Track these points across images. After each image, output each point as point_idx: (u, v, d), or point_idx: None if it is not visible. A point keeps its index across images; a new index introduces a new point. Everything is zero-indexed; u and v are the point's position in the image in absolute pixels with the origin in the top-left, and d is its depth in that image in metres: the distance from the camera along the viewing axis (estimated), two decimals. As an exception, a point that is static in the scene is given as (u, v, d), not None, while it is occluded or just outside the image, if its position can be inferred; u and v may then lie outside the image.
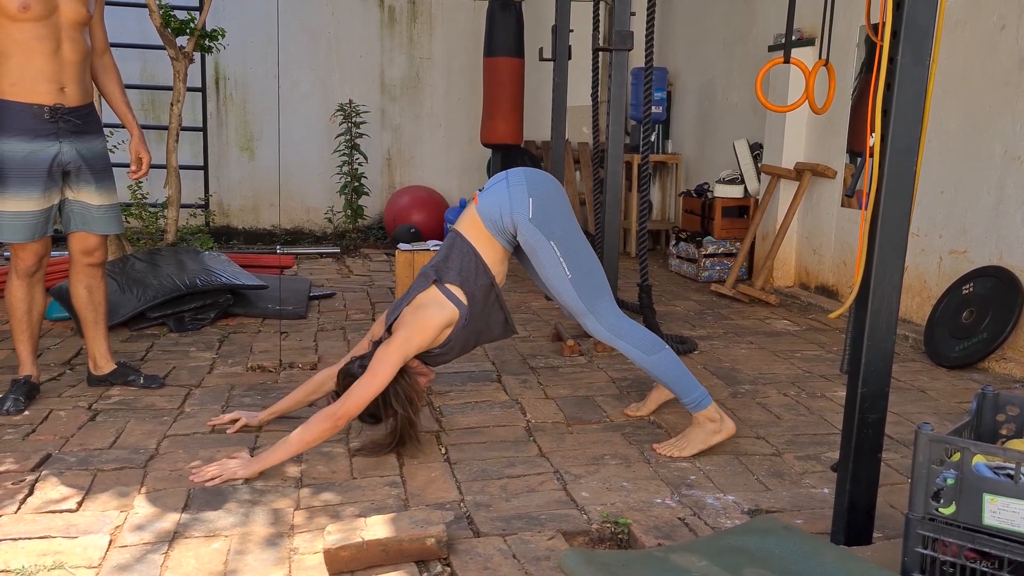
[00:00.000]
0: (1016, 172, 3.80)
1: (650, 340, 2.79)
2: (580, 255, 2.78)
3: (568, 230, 2.78)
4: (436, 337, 2.71)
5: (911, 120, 2.02)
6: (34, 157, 2.97)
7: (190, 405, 3.17)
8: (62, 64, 2.98)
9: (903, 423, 3.06)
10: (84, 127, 3.09)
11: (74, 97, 3.04)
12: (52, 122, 2.98)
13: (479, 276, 2.74)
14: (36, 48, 2.92)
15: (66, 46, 2.99)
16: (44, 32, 2.92)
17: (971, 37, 4.05)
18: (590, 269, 2.79)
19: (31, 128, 2.95)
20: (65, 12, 2.96)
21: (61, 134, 3.01)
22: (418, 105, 7.85)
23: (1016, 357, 3.73)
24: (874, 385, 2.07)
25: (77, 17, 3.00)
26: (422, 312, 2.69)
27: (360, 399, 2.55)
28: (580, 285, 2.75)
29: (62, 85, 2.99)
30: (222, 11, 6.68)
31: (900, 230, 2.02)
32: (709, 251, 5.93)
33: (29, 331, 3.17)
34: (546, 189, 2.79)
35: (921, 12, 1.97)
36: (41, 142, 2.97)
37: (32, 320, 3.17)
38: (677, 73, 7.45)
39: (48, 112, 2.97)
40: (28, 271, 3.10)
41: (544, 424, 3.04)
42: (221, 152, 7.44)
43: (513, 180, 2.77)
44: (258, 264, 5.72)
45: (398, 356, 2.62)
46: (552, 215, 2.75)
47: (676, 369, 2.78)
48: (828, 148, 5.17)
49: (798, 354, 4.06)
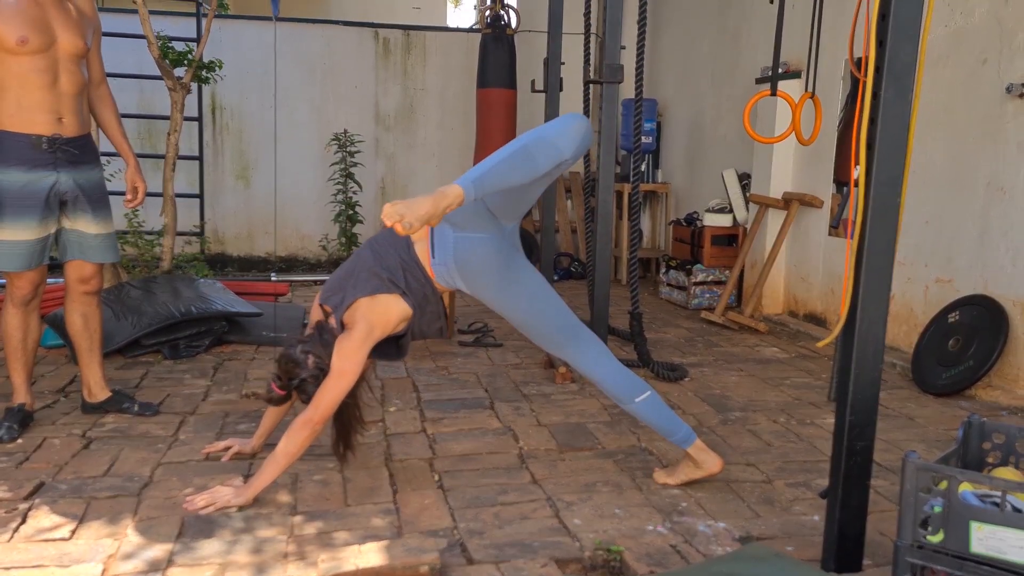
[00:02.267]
0: (999, 203, 3.87)
1: (632, 384, 2.73)
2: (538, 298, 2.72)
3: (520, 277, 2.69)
4: (388, 333, 2.64)
5: (895, 153, 2.07)
6: (31, 187, 2.99)
7: (184, 433, 3.18)
8: (60, 96, 3.02)
9: (891, 450, 3.09)
10: (81, 157, 3.11)
11: (72, 128, 3.07)
12: (50, 152, 3.01)
13: (425, 284, 2.65)
14: (34, 81, 2.95)
15: (64, 78, 3.02)
16: (42, 65, 2.95)
17: (953, 71, 4.14)
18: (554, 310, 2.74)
19: (29, 158, 2.98)
20: (63, 45, 3.00)
21: (58, 164, 3.04)
22: (412, 135, 7.93)
23: (1002, 385, 3.77)
24: (862, 413, 2.10)
25: (75, 50, 3.03)
26: (381, 305, 2.60)
27: (332, 400, 2.53)
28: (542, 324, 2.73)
29: (60, 116, 3.02)
30: (219, 42, 6.76)
31: (885, 261, 2.06)
32: (699, 279, 5.99)
33: (24, 359, 3.18)
34: (476, 264, 2.62)
35: (903, 49, 2.03)
36: (38, 172, 3.00)
37: (27, 348, 3.18)
38: (666, 104, 7.55)
39: (46, 142, 3.00)
40: (24, 299, 3.11)
41: (537, 451, 3.06)
42: (217, 180, 7.49)
43: (439, 259, 2.63)
44: (253, 291, 5.73)
45: (363, 351, 2.56)
46: (488, 280, 2.65)
47: (655, 411, 2.74)
48: (815, 178, 5.25)
49: (787, 381, 4.10)
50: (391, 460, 2.95)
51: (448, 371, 4.15)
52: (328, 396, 2.54)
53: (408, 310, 2.63)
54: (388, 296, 2.61)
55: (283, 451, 2.53)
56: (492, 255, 2.61)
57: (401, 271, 2.63)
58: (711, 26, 6.74)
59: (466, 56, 7.78)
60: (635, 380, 2.75)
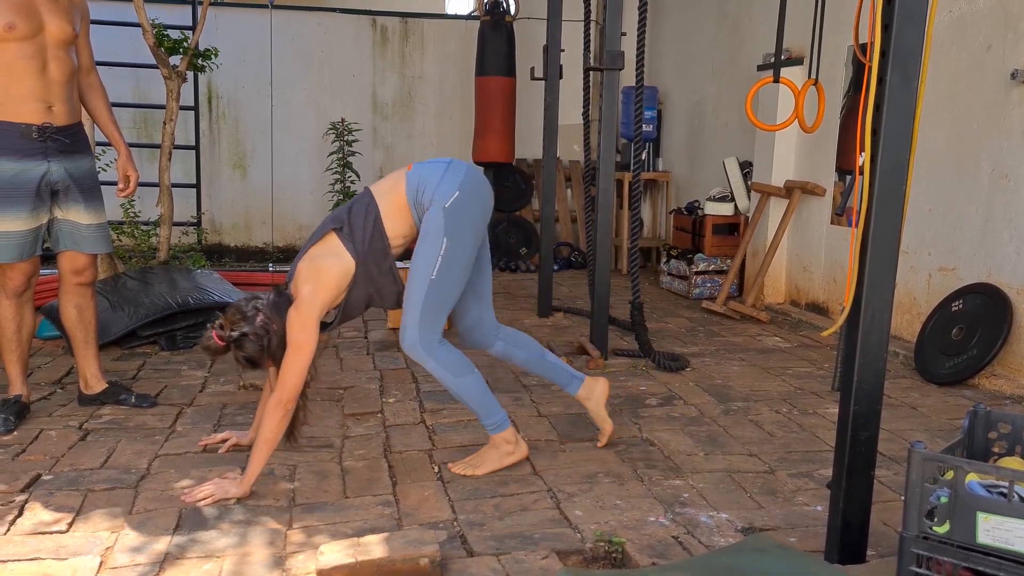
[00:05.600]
0: (1003, 190, 3.84)
1: (461, 364, 2.70)
2: (455, 271, 2.63)
3: (465, 243, 2.64)
4: (337, 293, 2.60)
5: (900, 140, 2.04)
6: (22, 177, 2.96)
7: (182, 424, 3.15)
8: (49, 83, 2.98)
9: (895, 440, 3.06)
10: (72, 146, 3.08)
11: (62, 116, 3.03)
12: (40, 141, 2.97)
13: (375, 238, 2.60)
14: (22, 68, 2.91)
15: (52, 65, 2.98)
16: (30, 51, 2.91)
17: (958, 57, 4.10)
18: (451, 289, 2.65)
19: (19, 148, 2.94)
20: (51, 31, 2.96)
21: (49, 153, 3.00)
22: (410, 124, 7.88)
23: (1006, 374, 3.75)
24: (866, 403, 2.08)
25: (63, 36, 2.99)
26: (320, 263, 2.56)
27: (295, 375, 2.50)
28: (432, 293, 2.60)
29: (50, 104, 2.98)
30: (215, 31, 6.70)
31: (890, 249, 2.03)
32: (700, 268, 5.96)
33: (19, 351, 3.15)
34: (476, 195, 2.67)
35: (909, 34, 1.99)
36: (29, 162, 2.96)
37: (21, 340, 3.15)
38: (667, 92, 7.51)
39: (36, 131, 2.96)
40: (16, 291, 3.08)
41: (537, 442, 3.04)
42: (213, 170, 7.44)
43: (453, 168, 2.66)
44: (250, 282, 5.70)
45: (312, 317, 2.51)
46: (465, 219, 2.62)
47: (480, 392, 2.73)
48: (817, 166, 5.21)
49: (789, 371, 4.07)
50: (390, 452, 2.93)
51: (447, 361, 4.12)
52: (290, 371, 2.50)
53: (349, 265, 2.57)
54: (326, 252, 2.58)
55: (262, 437, 2.52)
56: (488, 211, 2.73)
57: (349, 221, 2.61)
58: (712, 12, 6.69)
59: (464, 44, 7.72)
60: (466, 360, 2.73)
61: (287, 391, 2.51)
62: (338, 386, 3.68)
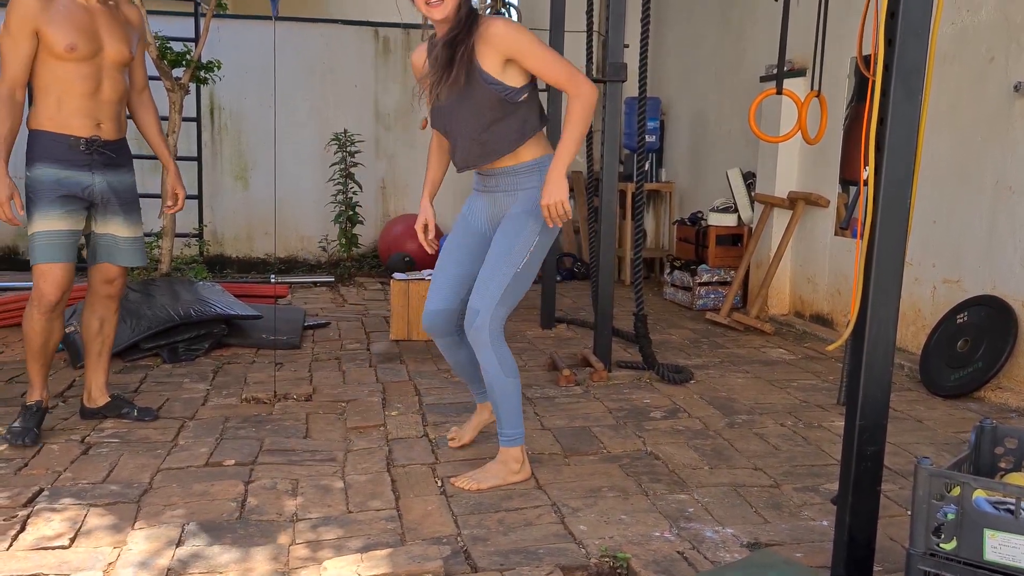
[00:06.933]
0: (1007, 202, 3.83)
1: (513, 365, 2.72)
2: (535, 267, 2.71)
3: (549, 243, 2.74)
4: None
5: (904, 154, 2.03)
6: (67, 182, 2.99)
7: (184, 438, 3.14)
8: (100, 103, 3.02)
9: (901, 454, 3.05)
10: (116, 160, 3.12)
11: (110, 132, 3.07)
12: (86, 154, 3.01)
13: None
14: (77, 87, 2.96)
15: (106, 85, 3.02)
16: (87, 72, 2.96)
17: (961, 69, 4.10)
18: (527, 284, 2.72)
19: (65, 158, 2.98)
20: (109, 53, 3.01)
21: (94, 166, 3.04)
22: (412, 134, 7.88)
23: (1012, 386, 3.73)
24: (872, 417, 2.06)
25: (120, 58, 3.04)
26: None
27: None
28: (514, 283, 2.65)
29: (99, 121, 3.03)
30: (218, 43, 6.72)
31: (895, 263, 2.03)
32: (704, 279, 5.95)
33: (43, 359, 3.13)
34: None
35: (912, 48, 1.99)
36: (73, 171, 3.00)
37: (48, 351, 3.14)
38: (670, 103, 7.51)
39: (84, 144, 2.99)
40: (50, 306, 3.03)
41: (541, 455, 3.02)
42: (216, 181, 7.45)
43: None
44: (253, 294, 5.71)
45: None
46: (553, 228, 2.71)
47: (517, 399, 2.74)
48: (821, 177, 5.21)
49: (794, 383, 4.06)
50: (393, 466, 2.91)
51: (450, 374, 4.12)
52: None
53: None
54: None
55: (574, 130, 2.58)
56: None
57: None
58: (715, 23, 6.70)
59: (467, 55, 7.71)
60: (515, 364, 2.74)
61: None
62: (341, 399, 3.67)
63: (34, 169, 2.97)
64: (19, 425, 3.04)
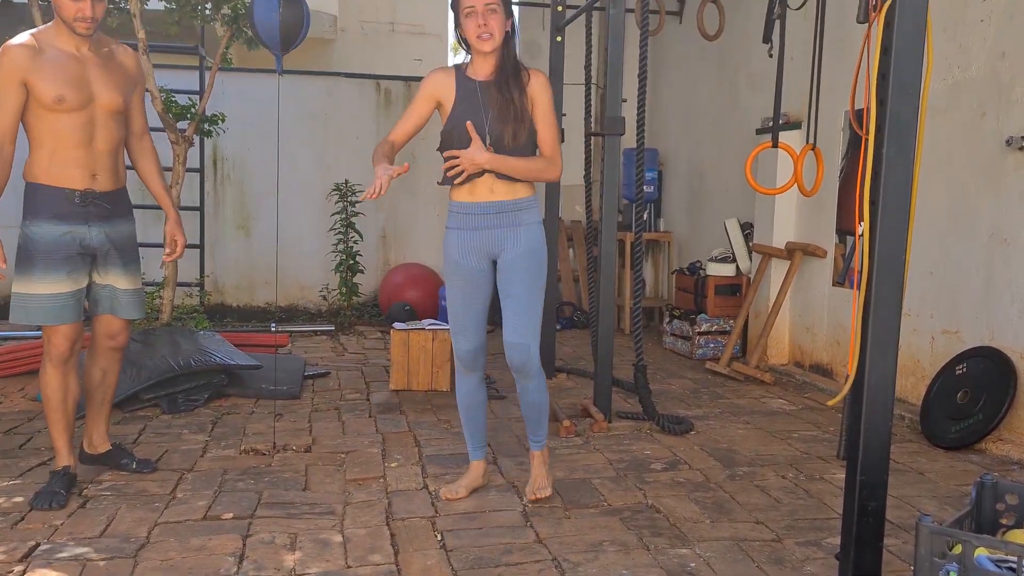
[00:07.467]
0: (1003, 253, 3.87)
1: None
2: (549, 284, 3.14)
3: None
4: None
5: (899, 211, 2.07)
6: (64, 239, 2.97)
7: (182, 490, 3.12)
8: (95, 153, 2.99)
9: (903, 507, 3.03)
10: (114, 211, 3.09)
11: (105, 183, 3.04)
12: (82, 207, 2.98)
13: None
14: (70, 138, 2.93)
15: (100, 135, 3.00)
16: (79, 122, 2.93)
17: (953, 122, 4.16)
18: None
19: (61, 212, 2.96)
20: (101, 102, 2.98)
21: (90, 218, 3.01)
22: (413, 182, 7.93)
23: (1013, 438, 3.72)
24: (873, 473, 2.07)
25: (113, 106, 3.01)
26: None
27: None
28: (541, 307, 3.00)
29: (94, 172, 3.00)
30: (222, 95, 6.81)
31: (892, 319, 2.05)
32: (703, 329, 5.96)
33: (65, 420, 3.09)
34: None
35: (904, 107, 2.04)
36: (70, 225, 2.97)
37: (67, 409, 3.09)
38: (667, 154, 7.60)
39: (79, 197, 2.97)
40: (62, 357, 3.03)
41: (541, 508, 3.00)
42: (217, 230, 7.50)
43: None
44: (253, 343, 5.70)
45: None
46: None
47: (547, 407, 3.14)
48: (818, 228, 5.25)
49: (795, 434, 4.04)
50: (392, 519, 2.89)
51: (451, 424, 4.11)
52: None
53: None
54: None
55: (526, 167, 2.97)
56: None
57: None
58: (711, 77, 6.81)
59: (467, 107, 7.83)
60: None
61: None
62: (340, 450, 3.66)
63: (32, 226, 2.95)
64: (47, 488, 2.99)
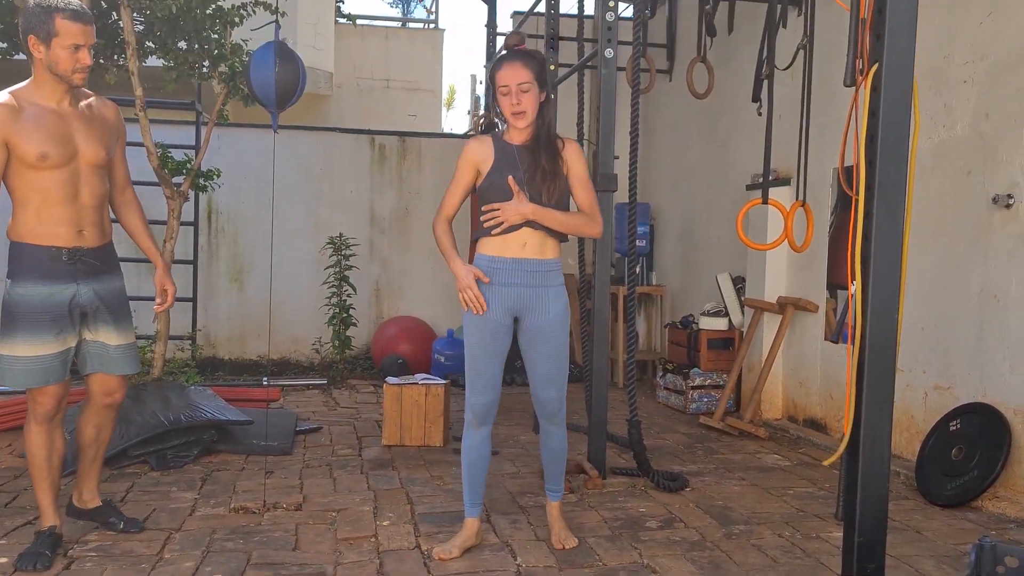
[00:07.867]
0: (994, 309, 3.89)
1: None
2: None
3: None
4: None
5: (890, 269, 2.09)
6: (51, 300, 2.93)
7: (169, 551, 3.07)
8: (80, 208, 2.97)
9: (901, 567, 2.99)
10: (102, 267, 3.06)
11: (92, 239, 3.01)
12: (70, 264, 2.95)
13: None
14: (55, 195, 2.90)
15: (85, 191, 2.97)
16: (63, 178, 2.91)
17: (941, 181, 4.22)
18: None
19: (48, 271, 2.92)
20: (85, 157, 2.96)
21: (78, 275, 2.97)
22: (407, 237, 8.01)
23: (1009, 495, 3.70)
24: (871, 533, 2.05)
25: (96, 160, 2.99)
26: None
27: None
28: (567, 371, 3.23)
29: (80, 228, 2.97)
30: (217, 149, 6.88)
31: (887, 381, 2.05)
32: (696, 383, 5.95)
33: (50, 478, 3.04)
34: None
35: (893, 170, 2.07)
36: (58, 284, 2.94)
37: (52, 467, 3.05)
38: (659, 208, 7.68)
39: (66, 255, 2.94)
40: (47, 416, 2.99)
41: (535, 569, 2.96)
42: (211, 283, 7.50)
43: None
44: (245, 397, 5.66)
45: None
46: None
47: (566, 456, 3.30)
48: (809, 283, 5.28)
49: (790, 491, 4.01)
50: (384, 580, 2.85)
51: (443, 481, 4.06)
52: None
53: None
54: None
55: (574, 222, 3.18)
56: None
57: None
58: (701, 134, 6.92)
59: (461, 162, 7.91)
60: None
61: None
62: (331, 508, 3.61)
63: (17, 287, 2.91)
64: (32, 549, 2.93)
